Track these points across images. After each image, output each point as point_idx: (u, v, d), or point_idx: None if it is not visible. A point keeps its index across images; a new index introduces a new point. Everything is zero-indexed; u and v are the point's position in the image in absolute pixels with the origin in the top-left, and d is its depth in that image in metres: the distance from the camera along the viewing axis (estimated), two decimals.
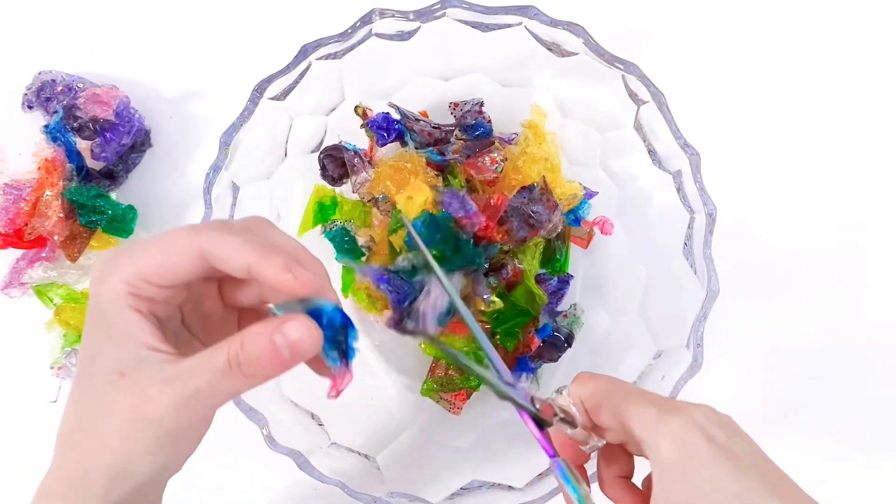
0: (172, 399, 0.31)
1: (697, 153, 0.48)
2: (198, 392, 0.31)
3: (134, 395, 0.31)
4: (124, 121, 0.57)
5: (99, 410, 0.32)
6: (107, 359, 0.32)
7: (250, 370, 0.31)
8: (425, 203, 0.51)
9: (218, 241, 0.32)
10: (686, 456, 0.33)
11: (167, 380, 0.31)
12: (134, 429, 0.31)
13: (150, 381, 0.31)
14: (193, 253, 0.32)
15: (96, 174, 0.58)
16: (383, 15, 0.48)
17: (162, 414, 0.31)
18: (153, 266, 0.32)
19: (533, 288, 0.54)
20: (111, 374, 0.32)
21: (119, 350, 0.32)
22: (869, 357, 0.59)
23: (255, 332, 0.31)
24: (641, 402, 0.35)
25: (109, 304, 0.32)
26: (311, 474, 0.47)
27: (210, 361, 0.31)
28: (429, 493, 0.49)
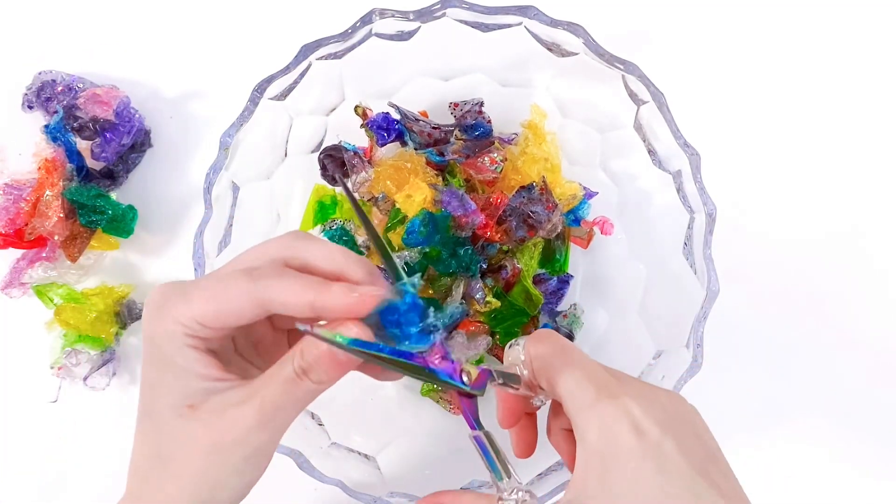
0: (253, 417, 0.32)
1: (697, 153, 0.48)
2: (275, 405, 0.32)
3: (212, 423, 0.32)
4: (124, 121, 0.57)
5: (174, 442, 0.32)
6: (172, 393, 0.33)
7: (315, 375, 0.32)
8: (424, 201, 0.51)
9: (276, 288, 0.32)
10: (608, 448, 0.31)
11: (243, 401, 0.32)
12: (218, 455, 0.32)
13: (226, 406, 0.32)
14: (252, 302, 0.32)
15: (96, 174, 0.58)
16: (383, 15, 0.48)
17: (246, 434, 0.32)
18: (210, 312, 0.32)
19: (529, 288, 0.54)
20: (179, 408, 0.32)
21: (183, 384, 0.33)
22: (869, 357, 0.59)
23: (311, 340, 0.32)
24: (580, 378, 0.33)
25: (166, 343, 0.32)
26: (311, 474, 0.47)
27: (279, 374, 0.32)
28: (429, 492, 0.49)
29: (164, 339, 0.32)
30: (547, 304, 0.55)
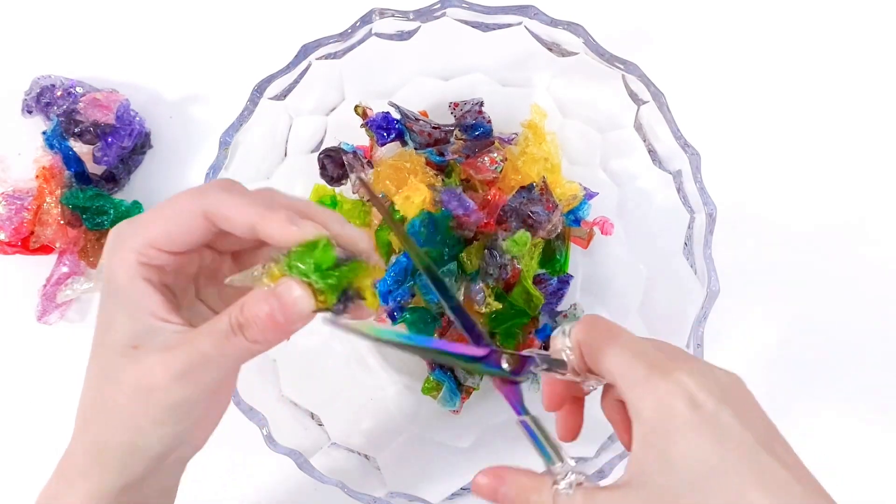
0: (175, 366, 0.31)
1: (697, 153, 0.48)
2: (203, 357, 0.31)
3: (141, 368, 0.31)
4: (125, 124, 0.57)
5: (112, 384, 0.32)
6: (120, 331, 0.32)
7: (252, 334, 0.31)
8: (423, 202, 0.51)
9: (221, 200, 0.32)
10: (664, 423, 0.31)
11: (169, 347, 0.31)
12: (140, 400, 0.31)
13: (154, 351, 0.31)
14: (198, 215, 0.32)
15: (97, 178, 0.58)
16: (383, 15, 0.48)
17: (166, 383, 0.31)
18: (161, 232, 0.32)
19: (530, 288, 0.54)
20: (125, 347, 0.32)
21: (132, 322, 0.32)
22: (869, 356, 0.59)
23: (254, 298, 0.31)
24: (630, 356, 0.33)
25: (122, 274, 0.32)
26: (311, 474, 0.47)
27: (214, 326, 0.32)
28: (429, 493, 0.49)
29: (119, 270, 0.32)
30: (547, 305, 0.55)
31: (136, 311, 0.32)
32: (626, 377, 0.32)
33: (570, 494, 0.32)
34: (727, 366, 0.33)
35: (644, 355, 0.33)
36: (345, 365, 0.57)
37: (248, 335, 0.31)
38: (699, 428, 0.30)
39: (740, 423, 0.31)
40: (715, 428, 0.30)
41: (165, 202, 0.33)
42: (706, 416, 0.30)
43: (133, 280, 0.32)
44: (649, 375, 0.32)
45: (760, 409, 0.33)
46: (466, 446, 0.55)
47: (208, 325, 0.32)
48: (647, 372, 0.32)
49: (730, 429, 0.30)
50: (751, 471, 0.30)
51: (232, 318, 0.31)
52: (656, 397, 0.31)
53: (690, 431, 0.30)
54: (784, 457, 0.31)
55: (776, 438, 0.32)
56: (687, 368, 0.32)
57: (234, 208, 0.32)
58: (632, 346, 0.33)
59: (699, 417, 0.30)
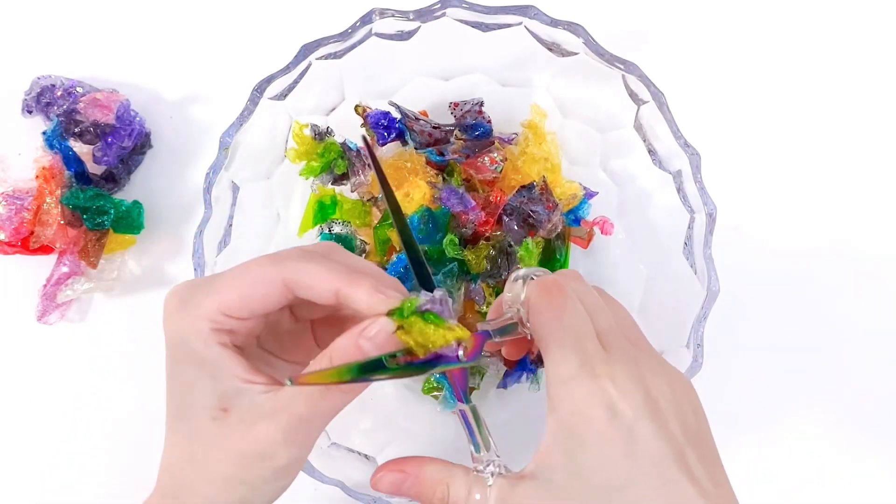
0: (279, 433, 0.31)
1: (697, 153, 0.48)
2: (301, 420, 0.32)
3: (242, 432, 0.31)
4: (125, 124, 0.57)
5: (208, 446, 0.32)
6: (206, 395, 0.32)
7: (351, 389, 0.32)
8: (423, 199, 0.51)
9: (302, 270, 0.32)
10: (578, 427, 0.31)
11: (270, 414, 0.31)
12: (248, 466, 0.32)
13: (256, 417, 0.32)
14: (278, 284, 0.32)
15: (97, 178, 0.58)
16: (383, 15, 0.48)
17: (274, 450, 0.32)
18: (236, 300, 0.32)
19: None
20: (214, 411, 0.32)
21: (217, 385, 0.32)
22: (869, 356, 0.59)
23: (341, 346, 0.31)
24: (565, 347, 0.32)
25: (196, 341, 0.32)
26: (311, 474, 0.47)
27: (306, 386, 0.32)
28: None
29: (193, 337, 0.32)
30: None
31: (219, 374, 0.32)
32: (554, 370, 0.32)
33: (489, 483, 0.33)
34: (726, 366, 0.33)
35: (580, 347, 0.32)
36: None
37: (344, 385, 0.32)
38: (612, 439, 0.30)
39: (656, 436, 0.30)
40: (628, 440, 0.30)
41: (239, 267, 0.33)
42: (622, 426, 0.30)
43: (210, 346, 0.32)
44: (575, 374, 0.31)
45: (692, 411, 0.32)
46: (466, 446, 0.55)
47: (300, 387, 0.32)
48: (574, 370, 0.31)
49: (644, 442, 0.30)
50: (655, 487, 0.29)
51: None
52: (575, 400, 0.31)
53: (602, 441, 0.30)
54: (695, 468, 0.30)
55: (695, 446, 0.31)
56: (619, 371, 0.31)
57: (317, 277, 0.32)
58: (573, 331, 0.33)
59: (614, 428, 0.30)
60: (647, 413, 0.31)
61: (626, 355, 0.33)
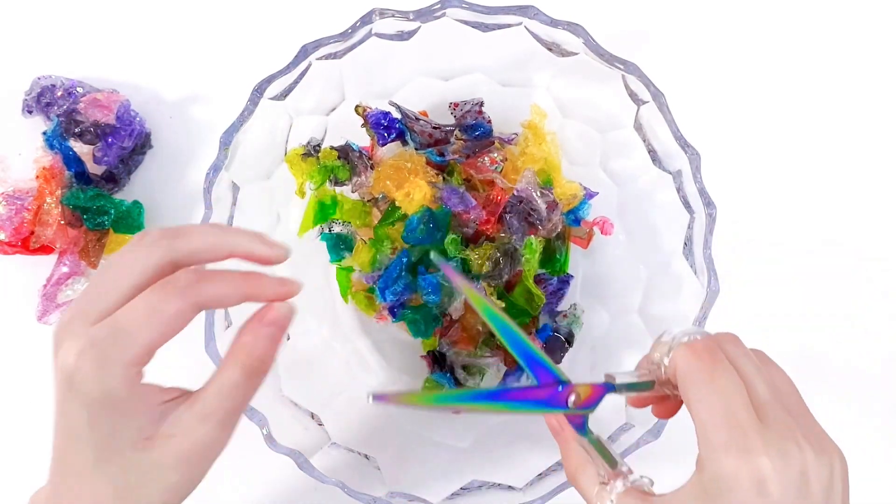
0: (220, 429, 0.34)
1: (697, 153, 0.48)
2: (233, 411, 0.34)
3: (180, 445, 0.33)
4: (125, 124, 0.57)
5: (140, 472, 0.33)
6: (125, 435, 0.33)
7: (265, 367, 0.34)
8: (424, 199, 0.51)
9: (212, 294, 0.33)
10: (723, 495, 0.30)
11: (203, 419, 0.33)
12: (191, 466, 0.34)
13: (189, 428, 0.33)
14: (192, 311, 0.33)
15: (98, 178, 0.58)
16: (383, 15, 0.48)
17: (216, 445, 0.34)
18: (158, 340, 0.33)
19: (532, 288, 0.54)
20: (137, 443, 0.33)
21: (137, 421, 0.33)
22: (869, 356, 0.59)
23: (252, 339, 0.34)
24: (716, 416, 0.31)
25: (120, 391, 0.32)
26: (311, 474, 0.47)
27: (228, 381, 0.34)
28: (429, 493, 0.49)
29: (120, 387, 0.32)
30: (547, 304, 0.55)
31: (139, 411, 0.33)
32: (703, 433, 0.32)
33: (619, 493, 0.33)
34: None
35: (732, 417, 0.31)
36: (345, 365, 0.57)
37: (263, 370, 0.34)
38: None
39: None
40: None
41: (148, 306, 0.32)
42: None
43: (133, 390, 0.33)
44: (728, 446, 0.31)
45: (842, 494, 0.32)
46: (466, 446, 0.55)
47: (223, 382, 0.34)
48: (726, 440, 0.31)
49: None
50: None
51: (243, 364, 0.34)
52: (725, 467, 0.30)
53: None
54: None
55: None
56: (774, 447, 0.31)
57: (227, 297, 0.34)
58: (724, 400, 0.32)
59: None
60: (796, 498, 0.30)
61: (784, 429, 0.32)
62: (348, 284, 0.57)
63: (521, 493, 0.49)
